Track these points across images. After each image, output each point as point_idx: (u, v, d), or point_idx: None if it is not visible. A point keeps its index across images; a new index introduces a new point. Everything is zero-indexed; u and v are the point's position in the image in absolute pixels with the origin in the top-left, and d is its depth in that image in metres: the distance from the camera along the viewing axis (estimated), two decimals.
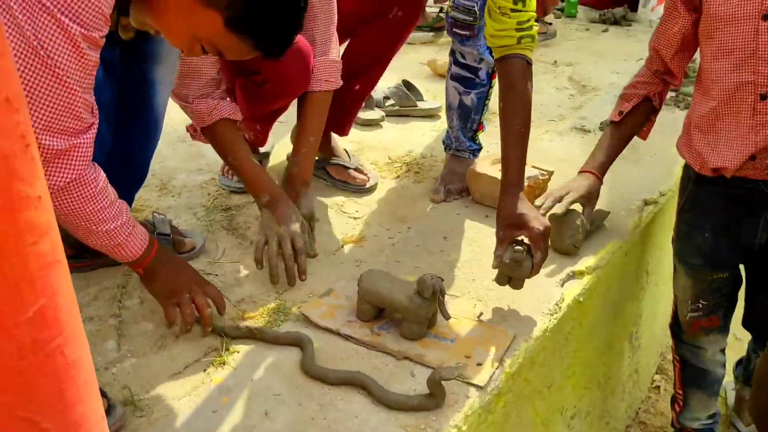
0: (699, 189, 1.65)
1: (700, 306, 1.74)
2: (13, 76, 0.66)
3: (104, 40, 1.05)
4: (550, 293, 1.58)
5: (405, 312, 1.39)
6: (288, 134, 2.20)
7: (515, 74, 1.55)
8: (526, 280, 1.50)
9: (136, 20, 1.19)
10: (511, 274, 1.49)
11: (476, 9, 1.84)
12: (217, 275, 1.63)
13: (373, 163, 2.19)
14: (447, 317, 1.39)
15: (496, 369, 1.34)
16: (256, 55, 1.18)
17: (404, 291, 1.39)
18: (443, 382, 1.23)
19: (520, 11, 1.52)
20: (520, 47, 1.54)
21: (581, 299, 1.62)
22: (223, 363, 1.35)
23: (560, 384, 1.66)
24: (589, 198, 1.71)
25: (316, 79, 1.73)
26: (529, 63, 1.57)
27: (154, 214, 1.70)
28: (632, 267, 1.95)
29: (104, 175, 1.19)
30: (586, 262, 1.69)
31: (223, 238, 1.77)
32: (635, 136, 1.80)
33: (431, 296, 1.36)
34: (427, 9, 3.74)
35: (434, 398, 1.24)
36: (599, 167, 1.74)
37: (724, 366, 1.90)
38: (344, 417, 1.23)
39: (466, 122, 2.01)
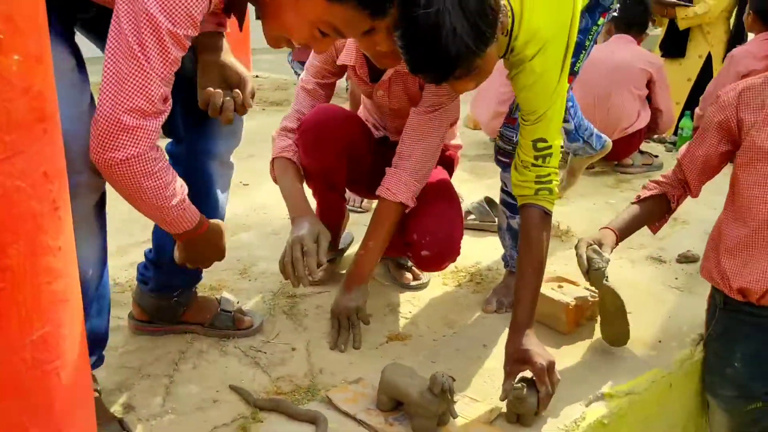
0: (727, 316, 1.63)
1: None
2: (55, 154, 0.88)
3: (189, 43, 1.22)
4: (572, 411, 1.59)
5: (416, 406, 1.47)
6: None
7: (531, 223, 1.67)
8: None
9: (270, 38, 1.37)
10: (517, 411, 1.53)
11: (515, 140, 1.98)
12: (265, 353, 1.79)
13: None
14: (454, 416, 1.45)
15: None
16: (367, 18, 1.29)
17: (418, 386, 1.48)
18: None
19: (540, 167, 1.65)
20: (537, 198, 1.66)
21: (605, 422, 1.61)
22: (245, 430, 1.49)
23: None
24: (601, 240, 1.74)
25: (382, 186, 1.86)
26: (546, 213, 1.68)
27: (224, 294, 1.90)
28: (682, 403, 1.88)
29: (167, 158, 1.30)
30: (617, 386, 1.69)
31: (282, 321, 1.94)
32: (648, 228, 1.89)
33: (440, 393, 1.44)
34: None
35: None
36: (616, 226, 1.80)
37: None
38: None
39: (516, 243, 2.10)
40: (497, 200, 2.75)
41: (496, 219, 2.69)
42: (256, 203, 2.85)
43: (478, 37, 1.41)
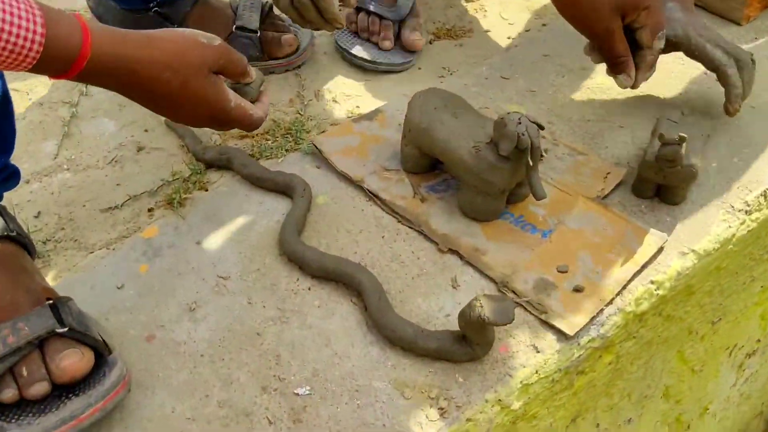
0: None
1: None
2: None
3: None
4: (761, 173, 0.88)
5: (465, 172, 0.79)
6: None
7: None
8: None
9: None
10: (659, 180, 0.82)
11: None
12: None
13: None
14: (539, 196, 0.76)
15: (608, 304, 0.73)
16: None
17: (472, 135, 0.78)
18: (491, 326, 0.66)
19: None
20: None
21: None
22: (174, 203, 0.86)
23: (737, 316, 1.01)
24: None
25: None
26: None
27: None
28: None
29: None
30: None
31: None
32: None
33: (513, 154, 0.74)
34: None
35: (468, 345, 0.68)
36: None
37: None
38: (307, 340, 0.71)
39: None
40: None
41: None
42: None
43: None
